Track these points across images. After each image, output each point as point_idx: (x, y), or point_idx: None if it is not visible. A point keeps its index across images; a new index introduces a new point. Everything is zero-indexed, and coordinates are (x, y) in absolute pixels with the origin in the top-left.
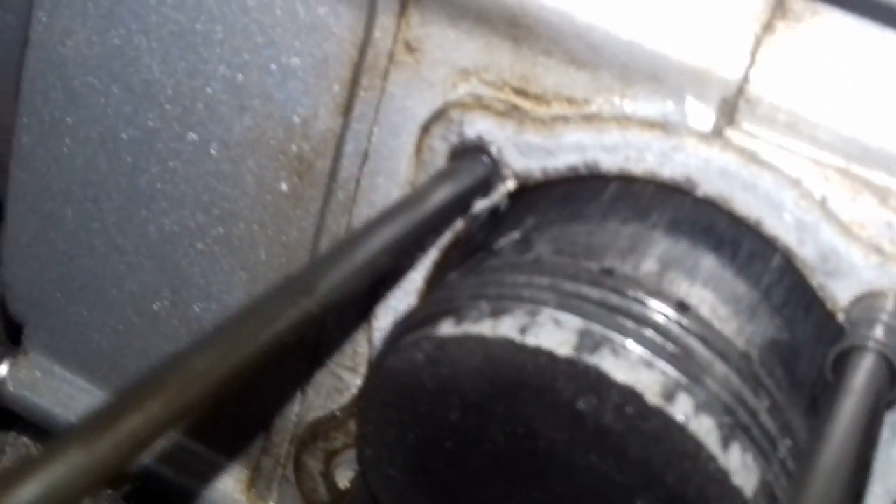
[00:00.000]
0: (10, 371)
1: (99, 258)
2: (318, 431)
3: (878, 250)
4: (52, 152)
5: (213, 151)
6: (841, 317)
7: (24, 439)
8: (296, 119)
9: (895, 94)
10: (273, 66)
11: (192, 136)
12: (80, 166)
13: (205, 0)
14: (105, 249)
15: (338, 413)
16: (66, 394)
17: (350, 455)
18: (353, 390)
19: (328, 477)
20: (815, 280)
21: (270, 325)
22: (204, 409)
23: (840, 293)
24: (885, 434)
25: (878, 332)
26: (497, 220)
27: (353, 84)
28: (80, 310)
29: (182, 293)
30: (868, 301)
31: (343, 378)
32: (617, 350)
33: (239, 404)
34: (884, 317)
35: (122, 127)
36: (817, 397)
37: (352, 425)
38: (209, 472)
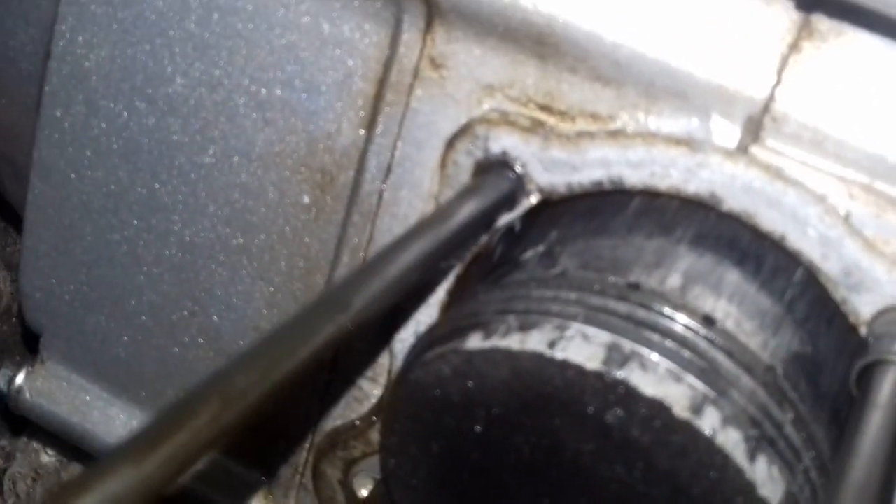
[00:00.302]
0: (26, 380)
1: (118, 269)
2: (336, 440)
3: None
4: (73, 164)
5: (234, 164)
6: (863, 330)
7: (35, 444)
8: (319, 133)
9: None
10: (297, 81)
11: (214, 148)
12: (100, 178)
13: (229, 16)
14: (124, 260)
15: (357, 422)
16: (83, 402)
17: (369, 463)
18: (373, 400)
19: (346, 485)
20: (838, 294)
21: (308, 341)
22: (245, 426)
23: (863, 307)
24: None
25: None
26: (515, 233)
27: (378, 99)
28: (98, 319)
29: (201, 304)
30: (891, 315)
31: (362, 388)
32: (645, 364)
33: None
34: None
35: (144, 139)
36: (840, 409)
37: (370, 434)
38: (227, 480)
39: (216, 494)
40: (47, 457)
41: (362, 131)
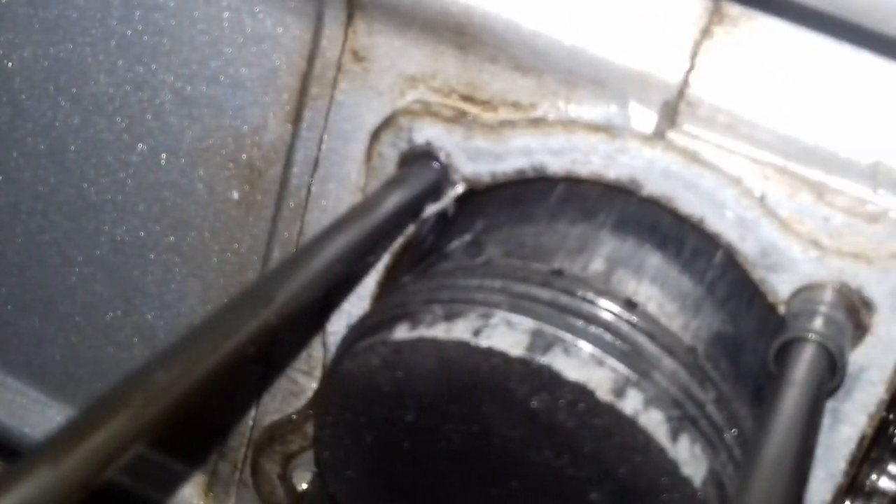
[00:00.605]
0: None
1: (50, 270)
2: (274, 435)
3: (816, 244)
4: (0, 166)
5: (162, 162)
6: (782, 309)
7: None
8: (245, 128)
9: (829, 93)
10: (221, 77)
11: (142, 146)
12: (28, 179)
13: (151, 13)
14: (56, 261)
15: (294, 416)
16: (19, 405)
17: (307, 457)
18: (309, 393)
19: (286, 479)
20: (757, 274)
21: (231, 337)
22: (169, 422)
23: (780, 286)
24: (826, 421)
25: (818, 323)
26: (445, 223)
27: (302, 93)
28: (31, 322)
29: (134, 302)
30: (807, 293)
31: (298, 381)
32: (568, 349)
33: (194, 410)
34: (823, 308)
35: (71, 139)
36: (761, 386)
37: (308, 428)
38: (166, 478)
39: (156, 493)
40: None
41: (288, 125)
